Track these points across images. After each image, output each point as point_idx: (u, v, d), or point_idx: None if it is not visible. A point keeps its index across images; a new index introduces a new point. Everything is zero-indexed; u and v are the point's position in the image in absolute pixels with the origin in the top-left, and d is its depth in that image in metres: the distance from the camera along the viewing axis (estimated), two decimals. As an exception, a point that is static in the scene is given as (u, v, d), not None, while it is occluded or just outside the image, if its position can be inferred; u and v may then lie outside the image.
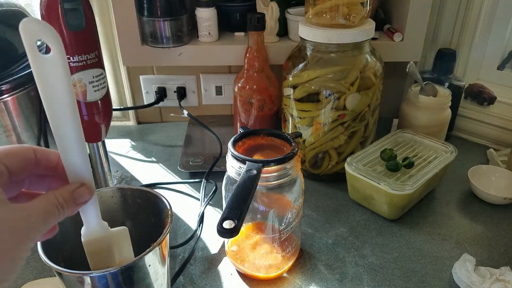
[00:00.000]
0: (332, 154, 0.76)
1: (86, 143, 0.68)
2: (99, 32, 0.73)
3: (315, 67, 0.71)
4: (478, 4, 0.87)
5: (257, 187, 0.51)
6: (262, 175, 0.50)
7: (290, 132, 0.78)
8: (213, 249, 0.64)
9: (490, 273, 0.56)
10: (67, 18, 0.54)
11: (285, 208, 0.54)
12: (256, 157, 0.53)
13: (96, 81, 0.60)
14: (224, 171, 0.56)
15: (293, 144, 0.52)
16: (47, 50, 0.30)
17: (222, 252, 0.63)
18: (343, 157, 0.76)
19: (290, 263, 0.59)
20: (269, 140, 0.57)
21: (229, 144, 0.52)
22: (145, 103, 1.00)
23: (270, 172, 0.50)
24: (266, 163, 0.49)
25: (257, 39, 0.78)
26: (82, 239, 0.38)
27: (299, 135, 0.55)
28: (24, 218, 0.30)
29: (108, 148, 0.73)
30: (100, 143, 0.68)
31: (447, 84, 0.87)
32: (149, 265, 0.43)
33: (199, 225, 0.68)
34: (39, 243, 0.46)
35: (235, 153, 0.50)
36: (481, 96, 0.91)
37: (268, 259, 0.58)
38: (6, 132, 0.61)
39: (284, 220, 0.55)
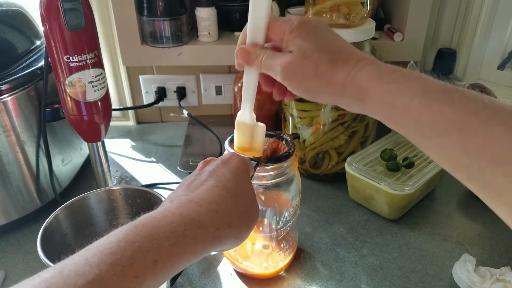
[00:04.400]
0: (332, 154, 0.76)
1: (86, 143, 0.68)
2: (99, 32, 0.73)
3: (315, 67, 0.71)
4: (478, 4, 0.87)
5: (254, 186, 0.51)
6: (259, 174, 0.50)
7: (290, 132, 0.78)
8: (213, 249, 0.64)
9: (491, 273, 0.56)
10: (67, 18, 0.54)
11: (283, 206, 0.55)
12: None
13: (96, 81, 0.60)
14: (224, 171, 0.55)
15: (290, 144, 0.53)
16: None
17: (221, 252, 0.63)
18: (343, 157, 0.76)
19: (287, 261, 0.59)
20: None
21: (226, 143, 0.52)
22: (145, 103, 1.00)
23: (267, 171, 0.50)
24: (261, 162, 0.49)
25: (257, 39, 0.78)
26: (237, 119, 0.48)
27: (296, 136, 0.56)
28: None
29: (107, 148, 0.72)
30: (99, 143, 0.68)
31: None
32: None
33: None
34: (38, 244, 0.46)
35: (232, 151, 0.50)
36: (481, 96, 0.91)
37: (266, 257, 0.58)
38: (5, 132, 0.61)
39: (282, 218, 0.55)
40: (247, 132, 0.48)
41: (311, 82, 0.39)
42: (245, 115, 0.47)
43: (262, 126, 0.48)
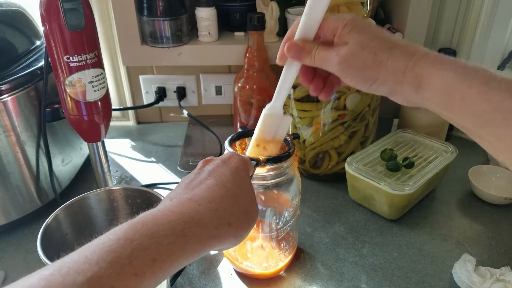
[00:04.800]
0: (332, 154, 0.76)
1: (86, 143, 0.68)
2: (99, 32, 0.73)
3: (315, 67, 0.71)
4: (478, 4, 0.87)
5: (254, 186, 0.51)
6: (259, 174, 0.50)
7: (290, 132, 0.78)
8: (213, 249, 0.64)
9: (491, 273, 0.56)
10: (67, 18, 0.54)
11: (283, 206, 0.55)
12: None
13: (96, 81, 0.60)
14: (224, 171, 0.55)
15: (290, 144, 0.53)
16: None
17: (221, 252, 0.63)
18: (343, 157, 0.76)
19: (287, 261, 0.59)
20: None
21: (226, 143, 0.52)
22: (145, 103, 1.00)
23: (267, 171, 0.50)
24: (260, 162, 0.49)
25: (257, 39, 0.78)
26: (265, 111, 0.47)
27: (297, 136, 0.56)
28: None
29: (107, 148, 0.72)
30: (99, 143, 0.68)
31: (447, 84, 0.87)
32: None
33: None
34: (38, 244, 0.46)
35: (232, 151, 0.51)
36: (481, 96, 0.91)
37: (266, 257, 0.58)
38: (5, 132, 0.61)
39: (282, 218, 0.55)
40: (274, 124, 0.48)
41: (370, 71, 0.39)
42: (277, 107, 0.48)
43: (289, 117, 0.49)
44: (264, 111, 0.47)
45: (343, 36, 0.40)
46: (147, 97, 1.00)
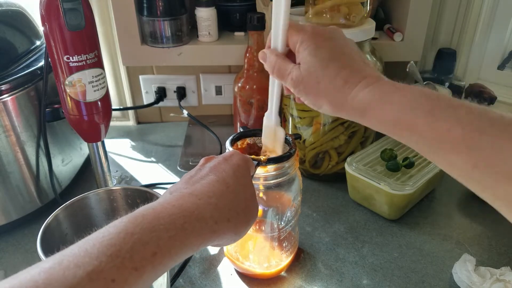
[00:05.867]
0: (332, 154, 0.76)
1: (86, 143, 0.68)
2: (99, 32, 0.73)
3: (315, 67, 0.71)
4: (478, 4, 0.87)
5: (256, 186, 0.51)
6: (261, 174, 0.50)
7: (290, 132, 0.78)
8: (213, 249, 0.64)
9: (491, 273, 0.56)
10: (67, 18, 0.54)
11: (285, 206, 0.55)
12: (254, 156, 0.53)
13: (96, 81, 0.60)
14: (224, 171, 0.55)
15: (291, 144, 0.53)
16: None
17: (221, 252, 0.63)
18: (343, 157, 0.76)
19: (288, 261, 0.59)
20: None
21: (227, 143, 0.52)
22: (145, 103, 1.00)
23: (268, 171, 0.50)
24: (261, 162, 0.49)
25: (257, 39, 0.78)
26: (264, 122, 0.51)
27: (298, 137, 0.56)
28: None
29: (107, 148, 0.72)
30: (99, 143, 0.68)
31: (447, 84, 0.87)
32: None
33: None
34: (38, 244, 0.46)
35: (233, 150, 0.51)
36: (482, 96, 0.91)
37: (267, 257, 0.58)
38: (5, 132, 0.61)
39: (284, 218, 0.55)
40: (270, 133, 0.51)
41: (314, 97, 0.40)
42: (270, 116, 0.50)
43: (281, 130, 0.50)
44: (263, 120, 0.50)
45: (299, 54, 0.40)
46: (147, 97, 1.00)
